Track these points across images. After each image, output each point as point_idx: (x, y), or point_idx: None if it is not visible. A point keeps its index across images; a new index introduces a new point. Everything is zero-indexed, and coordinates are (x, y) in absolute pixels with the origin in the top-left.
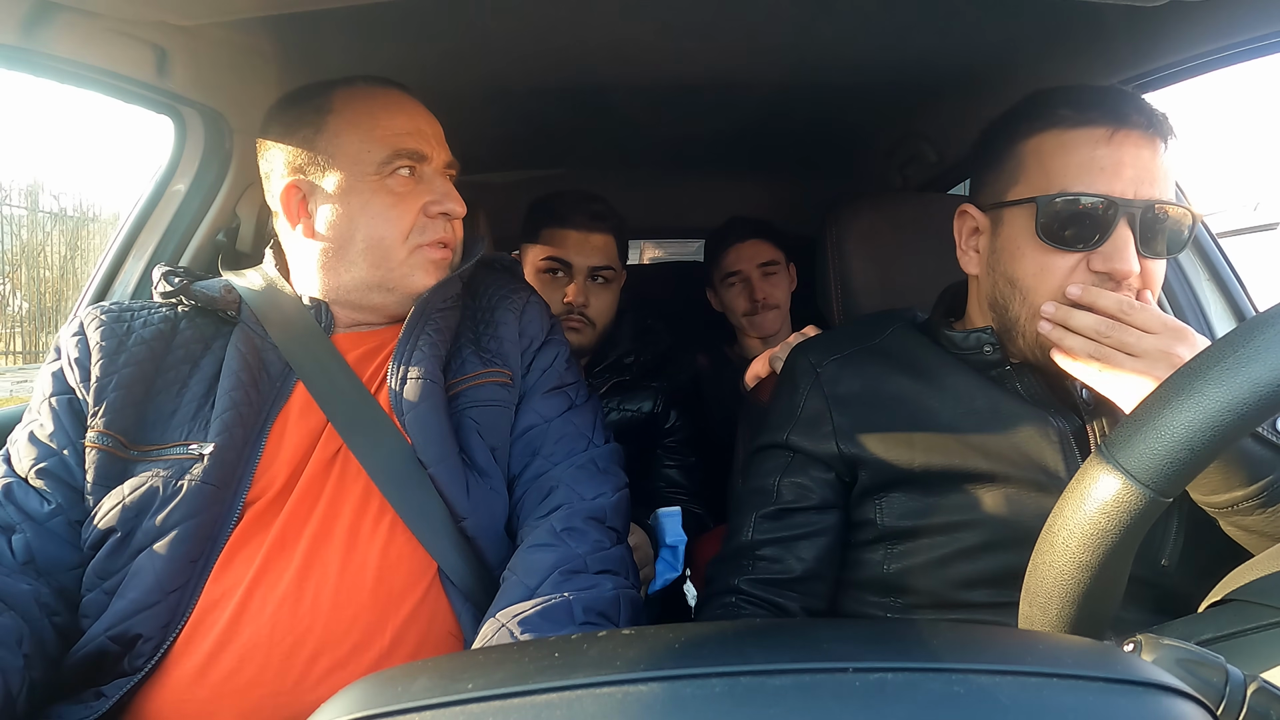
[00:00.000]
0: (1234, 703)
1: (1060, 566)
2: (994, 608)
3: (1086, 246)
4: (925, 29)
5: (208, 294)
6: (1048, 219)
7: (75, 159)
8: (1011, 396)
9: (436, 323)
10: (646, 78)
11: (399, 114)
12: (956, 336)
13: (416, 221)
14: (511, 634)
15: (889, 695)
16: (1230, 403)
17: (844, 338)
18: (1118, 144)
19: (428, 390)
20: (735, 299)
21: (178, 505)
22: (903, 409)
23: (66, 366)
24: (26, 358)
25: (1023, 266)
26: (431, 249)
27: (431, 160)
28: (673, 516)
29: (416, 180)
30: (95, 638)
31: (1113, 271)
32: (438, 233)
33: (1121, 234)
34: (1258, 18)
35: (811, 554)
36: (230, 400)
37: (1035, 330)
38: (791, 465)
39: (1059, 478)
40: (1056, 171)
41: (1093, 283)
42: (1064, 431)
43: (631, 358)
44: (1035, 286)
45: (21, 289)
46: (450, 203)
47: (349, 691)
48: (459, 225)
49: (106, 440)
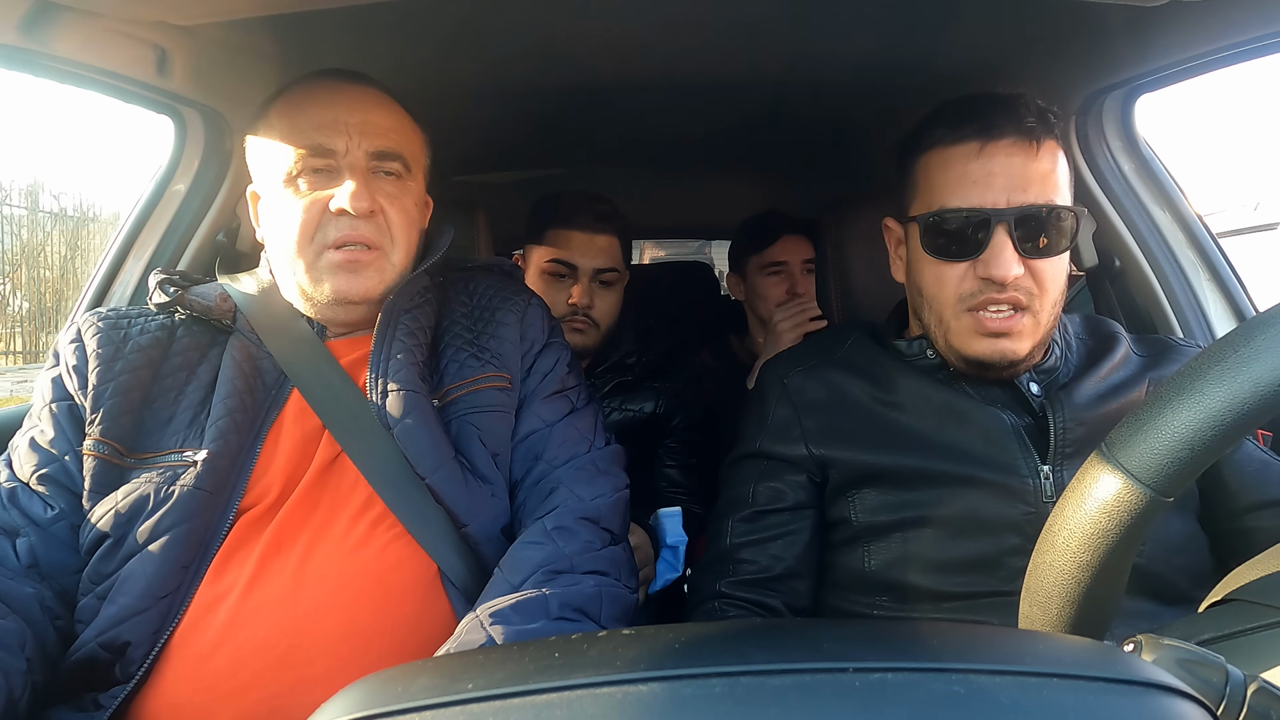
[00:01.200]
0: (1234, 703)
1: (1061, 566)
2: (971, 598)
3: (970, 255)
4: (925, 29)
5: (203, 303)
6: (929, 234)
7: (75, 159)
8: (962, 396)
9: (407, 325)
10: (646, 77)
11: (312, 107)
12: (901, 345)
13: (319, 220)
14: (483, 626)
15: (889, 695)
16: (1231, 402)
17: (806, 352)
18: (988, 155)
19: (410, 402)
20: (773, 288)
21: (169, 510)
22: (865, 412)
23: (65, 373)
24: (26, 358)
25: (924, 277)
26: (335, 251)
27: (346, 153)
28: (673, 517)
29: (330, 176)
30: (86, 643)
31: (992, 277)
32: (340, 231)
33: (998, 241)
34: (1257, 18)
35: (790, 553)
36: (225, 408)
37: (944, 335)
38: (766, 471)
39: (1016, 469)
40: (936, 188)
41: (978, 289)
42: (1016, 425)
43: (634, 358)
44: (936, 294)
45: (21, 289)
46: (345, 197)
47: (349, 691)
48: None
49: (103, 448)
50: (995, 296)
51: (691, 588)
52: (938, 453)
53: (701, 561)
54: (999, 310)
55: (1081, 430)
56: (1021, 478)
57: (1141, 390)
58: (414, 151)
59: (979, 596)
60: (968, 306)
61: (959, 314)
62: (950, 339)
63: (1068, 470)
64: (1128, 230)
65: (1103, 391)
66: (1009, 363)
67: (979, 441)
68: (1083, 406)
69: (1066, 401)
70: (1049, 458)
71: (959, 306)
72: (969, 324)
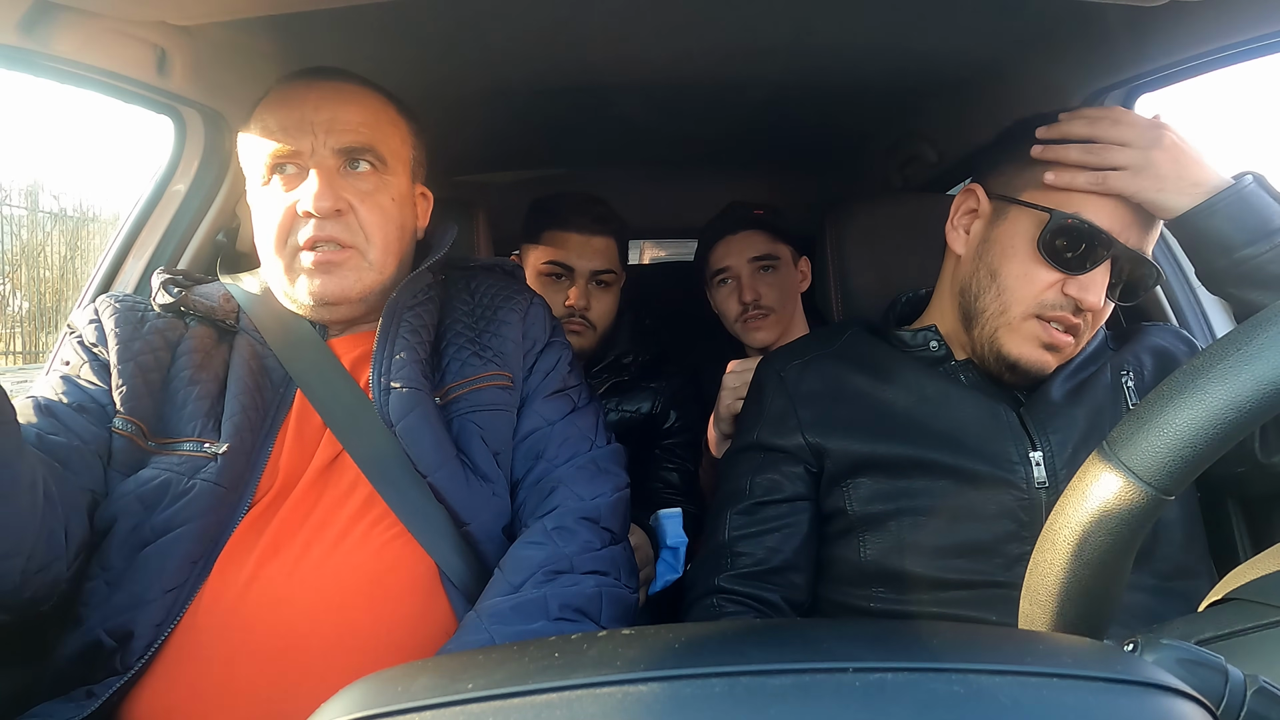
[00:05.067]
0: (1234, 703)
1: (1061, 564)
2: (968, 586)
3: (1071, 270)
4: (925, 29)
5: (206, 304)
6: (1053, 234)
7: (75, 159)
8: (959, 386)
9: (410, 323)
10: (646, 77)
11: (281, 109)
12: (905, 335)
13: (290, 223)
14: (483, 626)
15: (889, 695)
16: (1233, 400)
17: (803, 346)
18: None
19: (413, 400)
20: (724, 300)
21: (188, 504)
22: (862, 401)
23: (85, 343)
24: (26, 358)
25: (1010, 266)
26: (307, 253)
27: (311, 153)
28: (674, 518)
29: (298, 177)
30: (92, 629)
31: (1082, 301)
32: (308, 233)
33: (1103, 270)
34: (1257, 18)
35: (787, 545)
36: (239, 404)
37: (996, 327)
38: (763, 463)
39: (1007, 456)
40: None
41: (1062, 304)
42: (1009, 413)
43: (630, 358)
44: (1014, 288)
45: (21, 289)
46: (308, 198)
47: (349, 691)
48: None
49: (129, 427)
50: (1070, 318)
51: (688, 582)
52: (931, 441)
53: (698, 555)
54: (1060, 329)
55: (1062, 418)
56: (1012, 465)
57: (1107, 373)
58: (392, 145)
59: (976, 585)
60: (1040, 314)
61: (1028, 317)
62: (1002, 334)
63: (1058, 457)
64: None
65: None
66: (1038, 374)
67: (972, 430)
68: (1060, 396)
69: (1047, 390)
70: (1038, 445)
71: (1032, 310)
72: (1034, 330)
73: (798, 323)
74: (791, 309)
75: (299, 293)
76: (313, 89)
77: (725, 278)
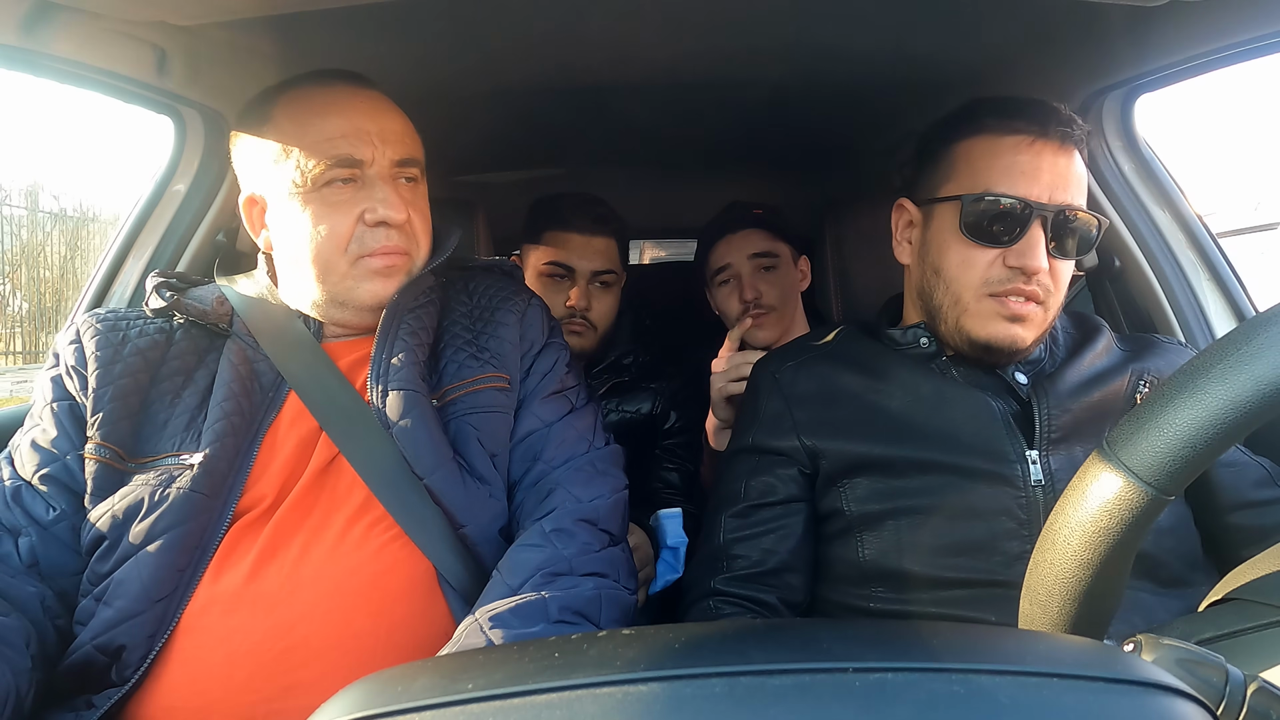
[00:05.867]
0: (1234, 703)
1: (1061, 565)
2: (967, 585)
3: (1003, 243)
4: (925, 29)
5: (199, 308)
6: (971, 216)
7: (75, 159)
8: (952, 383)
9: (410, 325)
10: (646, 78)
11: (331, 115)
12: (896, 333)
13: (354, 231)
14: (482, 629)
15: (889, 695)
16: (1233, 400)
17: (796, 347)
18: (1037, 151)
19: (411, 402)
20: (725, 300)
21: (164, 513)
22: (856, 401)
23: (65, 374)
24: (26, 358)
25: (948, 259)
26: (374, 259)
27: (372, 163)
28: (674, 518)
29: (358, 186)
30: (83, 646)
31: (1024, 266)
32: (378, 241)
33: (1034, 234)
34: (1257, 18)
35: (783, 547)
36: (222, 410)
37: (956, 317)
38: (758, 466)
39: (1004, 455)
40: (982, 173)
41: (1007, 277)
42: (1004, 411)
43: (630, 358)
44: (958, 277)
45: (21, 289)
46: (386, 209)
47: (349, 691)
48: (417, 228)
49: (105, 452)
50: (1022, 287)
51: (685, 585)
52: (927, 440)
53: (695, 558)
54: (1019, 300)
55: (1066, 417)
56: (1009, 463)
57: (1124, 380)
58: (421, 155)
59: (975, 584)
60: (991, 291)
61: (980, 298)
62: (964, 321)
63: (1054, 456)
64: (1127, 230)
65: (1086, 379)
66: (1014, 349)
67: (968, 428)
68: (1067, 394)
69: (1051, 390)
70: (1035, 443)
71: (982, 290)
72: (990, 307)
73: (798, 322)
74: (792, 308)
75: (358, 296)
76: (357, 98)
77: (725, 276)
